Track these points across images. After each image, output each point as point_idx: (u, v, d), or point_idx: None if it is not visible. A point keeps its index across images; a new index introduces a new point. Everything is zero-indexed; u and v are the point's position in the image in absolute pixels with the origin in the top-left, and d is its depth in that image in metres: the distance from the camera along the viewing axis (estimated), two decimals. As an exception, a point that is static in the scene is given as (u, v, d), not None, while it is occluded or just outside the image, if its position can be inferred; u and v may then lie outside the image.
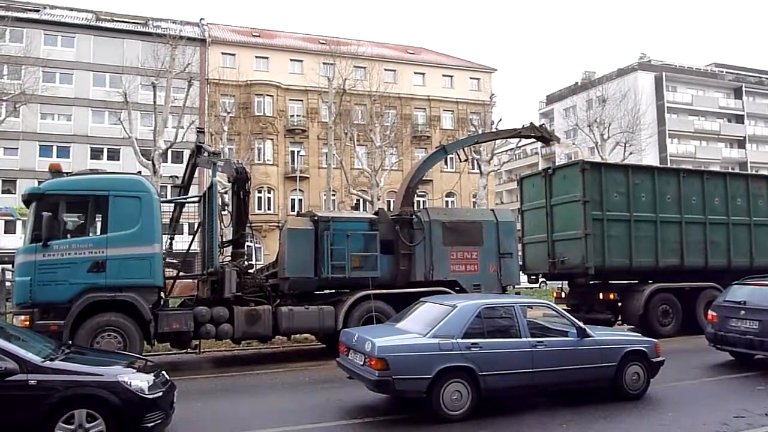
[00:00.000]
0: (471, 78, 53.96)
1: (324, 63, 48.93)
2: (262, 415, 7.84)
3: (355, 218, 12.52)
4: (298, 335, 13.18)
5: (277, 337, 12.25)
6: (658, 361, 8.57)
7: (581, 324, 8.27)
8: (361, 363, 7.50)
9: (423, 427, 7.06)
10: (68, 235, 10.40)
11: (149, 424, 6.17)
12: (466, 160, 13.78)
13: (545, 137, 14.16)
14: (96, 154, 41.30)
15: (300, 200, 45.62)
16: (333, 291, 12.48)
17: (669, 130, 57.72)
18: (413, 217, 12.44)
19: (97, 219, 10.67)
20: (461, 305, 7.81)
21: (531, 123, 14.56)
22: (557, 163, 61.13)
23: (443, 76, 52.94)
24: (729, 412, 7.66)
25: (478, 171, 53.63)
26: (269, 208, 44.85)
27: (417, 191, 14.53)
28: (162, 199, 11.44)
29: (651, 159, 51.44)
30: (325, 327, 11.63)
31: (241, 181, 12.11)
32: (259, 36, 49.89)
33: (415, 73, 51.92)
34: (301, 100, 48.04)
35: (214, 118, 40.76)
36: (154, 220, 10.54)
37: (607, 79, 55.06)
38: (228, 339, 11.53)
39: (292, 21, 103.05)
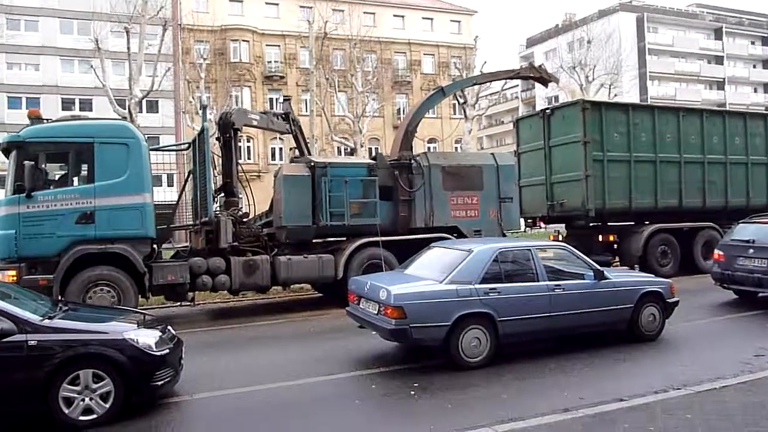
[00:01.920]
0: (451, 21, 52.70)
1: (301, 6, 47.57)
2: (272, 368, 7.54)
3: (353, 164, 12.04)
4: (294, 285, 12.86)
5: (273, 287, 11.92)
6: (673, 301, 8.43)
7: (597, 266, 8.06)
8: (375, 312, 7.20)
9: (442, 375, 6.82)
10: (52, 186, 9.83)
11: (159, 382, 5.86)
12: (464, 102, 13.27)
13: (544, 78, 13.70)
14: (67, 105, 39.66)
15: (280, 149, 44.68)
16: (330, 239, 12.13)
17: (650, 72, 57.40)
18: (412, 162, 12.01)
19: (82, 168, 10.07)
20: (477, 249, 7.50)
21: (530, 63, 14.10)
22: (537, 107, 60.81)
23: (423, 18, 51.59)
24: (746, 351, 7.55)
25: (463, 115, 53.33)
26: (249, 158, 43.89)
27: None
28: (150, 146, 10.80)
29: (632, 101, 51.26)
30: (325, 276, 11.32)
31: (224, 126, 11.56)
32: (234, -23, 47.70)
33: (395, 15, 50.46)
34: (279, 46, 46.53)
35: (189, 66, 39.30)
36: (143, 167, 10.00)
37: (589, 21, 54.29)
38: (225, 290, 11.16)
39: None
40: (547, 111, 14.36)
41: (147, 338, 5.89)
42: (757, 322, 9.35)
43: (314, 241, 11.83)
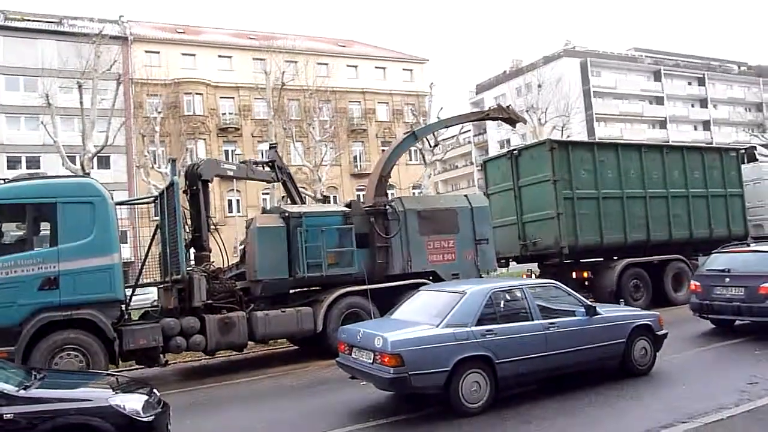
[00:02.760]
0: (404, 69, 53.82)
1: (255, 58, 47.84)
2: (269, 427, 7.14)
3: (328, 212, 11.81)
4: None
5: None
6: (662, 334, 8.43)
7: (588, 302, 8.01)
8: (370, 361, 6.91)
9: (447, 424, 6.56)
10: (10, 251, 9.23)
11: (148, 451, 5.41)
12: (436, 146, 13.34)
13: (512, 118, 13.94)
14: (13, 163, 38.39)
15: (237, 200, 44.12)
16: (305, 290, 11.80)
17: (596, 114, 59.63)
18: (387, 207, 11.89)
19: (43, 230, 9.53)
20: (470, 291, 7.35)
21: (498, 104, 14.33)
22: (490, 150, 62.13)
23: (376, 68, 52.52)
24: (739, 380, 7.58)
25: (422, 161, 53.86)
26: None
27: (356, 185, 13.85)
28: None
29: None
30: (304, 330, 10.92)
31: (193, 178, 11.27)
32: (183, 32, 47.88)
33: (348, 66, 51.17)
34: (233, 98, 46.48)
35: (142, 120, 38.72)
36: (110, 226, 9.50)
37: (535, 67, 56.29)
38: (199, 351, 10.63)
39: (215, 17, 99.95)
40: (515, 152, 14.57)
41: (134, 403, 5.46)
42: (742, 349, 9.44)
43: (290, 292, 11.48)
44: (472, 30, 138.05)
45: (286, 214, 11.21)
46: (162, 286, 11.38)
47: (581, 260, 14.46)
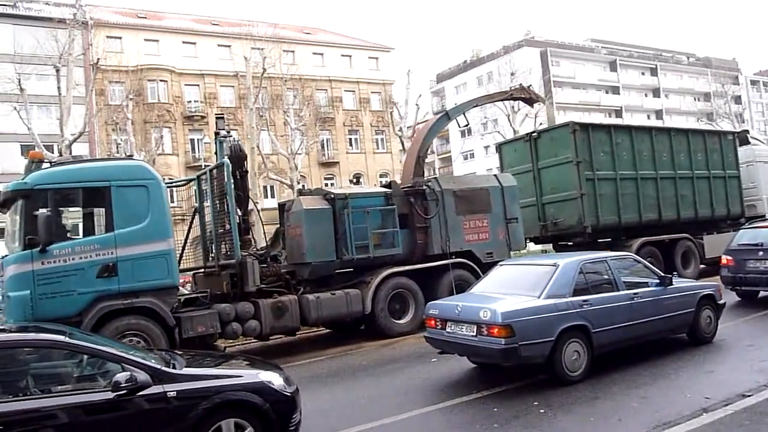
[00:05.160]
0: (370, 57, 53.67)
1: (219, 45, 46.85)
2: (369, 403, 7.17)
3: (372, 193, 11.78)
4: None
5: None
6: (722, 303, 8.88)
7: (663, 273, 8.35)
8: (473, 334, 7.03)
9: (552, 392, 6.73)
10: (67, 237, 8.88)
11: (293, 426, 5.39)
12: (467, 125, 13.45)
13: (532, 98, 14.26)
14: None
15: (204, 190, 43.14)
16: (345, 272, 11.77)
17: (556, 103, 60.97)
18: (426, 187, 11.97)
19: (97, 215, 9.20)
20: (563, 263, 7.55)
21: (521, 84, 14.62)
22: (454, 163, 62.15)
23: (342, 56, 52.16)
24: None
25: (389, 150, 53.91)
26: (172, 201, 41.99)
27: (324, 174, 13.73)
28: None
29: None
30: (354, 312, 10.90)
31: (239, 159, 11.05)
32: (145, 17, 46.34)
33: (314, 53, 50.67)
34: (198, 85, 45.43)
35: (104, 107, 37.41)
36: (164, 210, 9.24)
37: (495, 57, 57.22)
38: (254, 336, 10.49)
39: (173, 3, 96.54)
40: (534, 134, 14.87)
41: (278, 379, 5.44)
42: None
43: (336, 274, 11.45)
44: (431, 19, 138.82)
45: (332, 196, 11.15)
46: (205, 271, 11.16)
47: (598, 240, 14.89)
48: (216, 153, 11.38)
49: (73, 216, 9.38)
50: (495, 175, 13.44)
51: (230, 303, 9.93)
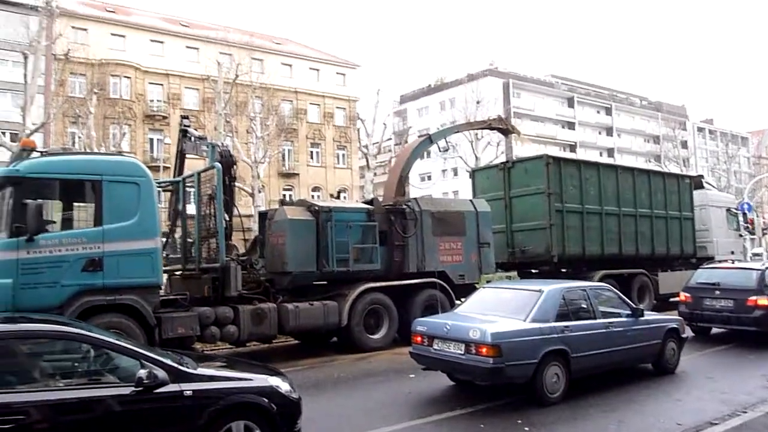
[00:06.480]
0: (337, 73, 53.98)
1: (188, 47, 46.36)
2: (353, 415, 7.32)
3: (355, 209, 12.00)
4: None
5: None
6: (685, 336, 9.46)
7: (634, 305, 8.86)
8: (461, 352, 7.31)
9: (533, 412, 7.08)
10: (53, 228, 8.74)
11: (297, 430, 5.53)
12: (446, 149, 13.88)
13: (508, 130, 14.79)
14: None
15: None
16: (323, 284, 11.90)
17: (515, 134, 62.61)
18: (406, 207, 12.26)
19: (86, 208, 9.09)
20: (547, 290, 7.95)
21: (498, 116, 15.18)
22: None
23: (310, 69, 52.31)
24: (756, 378, 8.69)
25: (349, 166, 54.10)
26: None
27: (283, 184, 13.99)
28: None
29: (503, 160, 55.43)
30: (330, 323, 11.04)
31: (226, 165, 11.10)
32: (114, 12, 45.48)
33: (283, 64, 50.68)
34: (162, 85, 44.76)
35: (63, 99, 36.41)
36: (154, 209, 9.22)
37: (459, 83, 58.45)
38: (231, 341, 10.48)
39: (148, 1, 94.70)
40: (507, 164, 15.41)
41: (284, 384, 5.57)
42: (738, 353, 10.68)
43: (313, 285, 11.57)
44: (397, 41, 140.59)
45: (316, 208, 11.31)
46: (183, 273, 11.10)
47: (561, 270, 15.48)
48: (179, 152, 11.59)
49: (62, 207, 9.20)
50: (471, 200, 13.86)
51: (210, 307, 9.93)
